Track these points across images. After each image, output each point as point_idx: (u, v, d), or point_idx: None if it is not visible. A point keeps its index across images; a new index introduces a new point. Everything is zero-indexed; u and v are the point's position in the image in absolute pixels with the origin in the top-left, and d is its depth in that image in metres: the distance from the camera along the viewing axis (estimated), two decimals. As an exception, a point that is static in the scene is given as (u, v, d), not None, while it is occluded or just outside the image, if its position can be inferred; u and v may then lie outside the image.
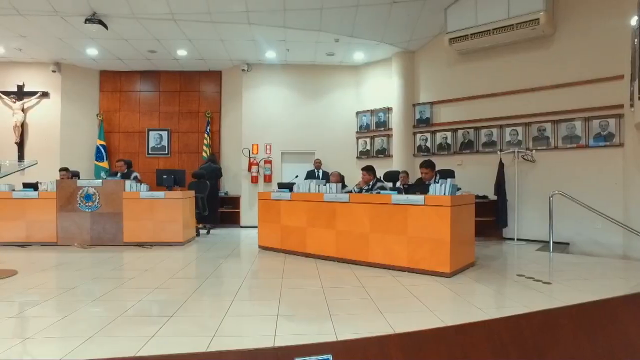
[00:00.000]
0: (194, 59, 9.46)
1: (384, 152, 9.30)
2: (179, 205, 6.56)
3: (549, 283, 4.17)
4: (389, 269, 4.83)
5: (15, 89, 9.53)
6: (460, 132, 8.03)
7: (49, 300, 3.63)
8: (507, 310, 3.27)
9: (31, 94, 9.57)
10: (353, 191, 5.79)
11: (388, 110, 9.20)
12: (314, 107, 9.86)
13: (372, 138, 9.51)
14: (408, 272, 4.67)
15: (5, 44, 8.58)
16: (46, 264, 5.29)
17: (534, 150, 7.03)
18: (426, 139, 8.54)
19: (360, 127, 9.74)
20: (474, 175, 7.66)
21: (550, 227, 6.26)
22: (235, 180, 9.96)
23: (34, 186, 6.86)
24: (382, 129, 9.33)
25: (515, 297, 3.71)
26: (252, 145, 9.68)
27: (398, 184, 7.04)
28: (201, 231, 8.09)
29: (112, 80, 10.28)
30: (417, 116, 8.67)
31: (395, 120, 8.90)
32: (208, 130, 10.00)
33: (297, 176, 7.20)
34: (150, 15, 7.33)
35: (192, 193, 7.39)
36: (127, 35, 8.09)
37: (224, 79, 10.28)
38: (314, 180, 5.95)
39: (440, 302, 3.64)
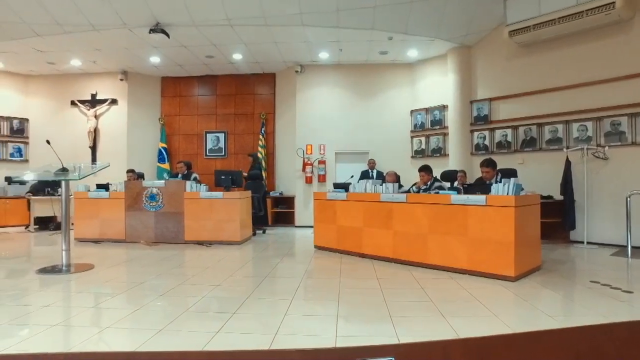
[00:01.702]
0: (249, 62, 9.71)
1: (439, 151, 9.05)
2: (236, 205, 6.75)
3: (630, 292, 3.84)
4: (448, 271, 4.68)
5: (89, 98, 10.30)
6: (521, 129, 7.64)
7: (121, 293, 3.86)
8: (582, 319, 3.05)
9: (102, 101, 10.30)
10: (410, 191, 5.68)
11: (444, 108, 8.94)
12: (367, 107, 9.79)
13: (428, 137, 9.29)
14: (468, 274, 4.50)
15: (83, 58, 9.34)
16: (117, 259, 5.64)
17: (606, 147, 6.53)
18: (484, 137, 8.21)
19: (415, 125, 9.54)
20: (537, 174, 7.25)
21: (628, 230, 5.77)
22: (289, 180, 10.11)
23: (106, 187, 7.36)
24: (438, 127, 9.08)
25: (590, 306, 3.46)
26: (306, 145, 9.78)
27: (456, 183, 6.81)
28: (257, 231, 8.28)
29: (173, 86, 10.80)
30: (475, 113, 8.35)
31: (452, 118, 8.63)
32: (263, 131, 10.23)
33: (352, 176, 7.18)
34: (208, 22, 7.61)
35: (249, 193, 7.59)
36: (187, 42, 8.45)
37: (278, 81, 10.47)
38: (370, 180, 5.90)
39: (505, 306, 3.47)
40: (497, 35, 7.76)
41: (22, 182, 9.44)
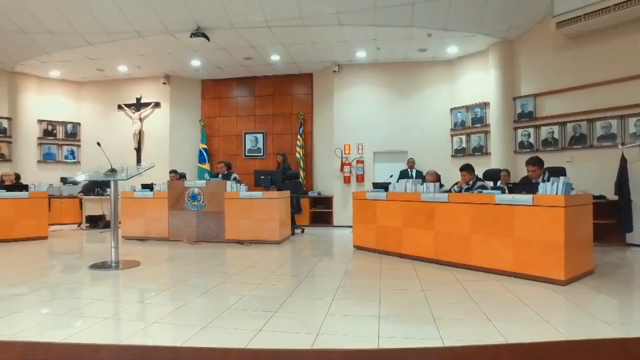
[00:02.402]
0: (287, 63, 9.80)
1: (481, 150, 8.78)
2: (275, 204, 6.82)
3: (695, 298, 3.58)
4: (492, 272, 4.53)
5: (134, 102, 10.74)
6: (569, 125, 7.28)
7: (166, 290, 3.98)
8: (643, 326, 2.87)
9: (146, 104, 10.71)
10: (452, 191, 5.53)
11: (485, 105, 8.67)
12: (406, 105, 9.65)
13: (468, 135, 9.03)
14: (514, 276, 4.33)
15: (129, 63, 9.76)
16: (161, 257, 5.83)
17: (667, 143, 6.11)
18: (529, 135, 7.88)
19: (455, 124, 9.31)
20: (587, 173, 6.88)
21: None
22: (327, 180, 10.12)
23: (150, 187, 7.63)
24: (479, 125, 8.82)
25: (650, 312, 3.24)
26: (344, 145, 9.76)
27: (499, 183, 6.58)
28: (296, 230, 8.34)
29: (212, 88, 11.07)
30: (518, 110, 8.04)
31: (494, 116, 8.36)
32: (301, 131, 10.30)
33: (392, 175, 7.10)
34: (246, 25, 7.74)
35: (287, 193, 7.64)
36: (226, 44, 8.63)
37: (315, 81, 10.51)
38: (410, 180, 5.80)
39: (555, 311, 3.31)
40: (543, 28, 7.43)
41: (75, 183, 9.97)
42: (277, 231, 6.79)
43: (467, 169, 5.54)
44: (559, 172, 5.14)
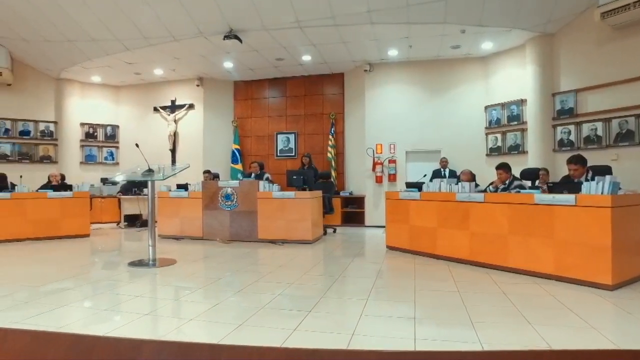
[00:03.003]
0: (318, 63, 9.81)
1: (517, 148, 8.50)
2: (308, 204, 6.83)
3: None
4: (531, 275, 4.37)
5: (169, 104, 11.04)
6: (615, 121, 6.93)
7: (202, 288, 4.06)
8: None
9: (181, 106, 10.98)
10: (488, 190, 5.38)
11: (522, 102, 8.39)
12: (438, 104, 9.48)
13: (504, 133, 8.77)
14: (555, 280, 4.16)
15: (164, 66, 10.05)
16: (196, 255, 5.96)
17: None
18: (569, 132, 7.57)
19: (490, 122, 9.06)
20: (636, 172, 6.53)
21: None
22: (359, 180, 10.07)
23: (185, 187, 7.81)
24: (515, 123, 8.54)
25: None
26: (376, 145, 9.68)
27: (537, 182, 6.35)
28: (328, 230, 8.33)
29: (244, 89, 11.22)
30: (558, 107, 7.73)
31: (531, 113, 8.07)
32: (332, 131, 10.29)
33: (425, 175, 6.98)
34: (278, 26, 7.80)
35: (320, 193, 7.65)
36: (258, 46, 8.73)
37: (347, 81, 10.47)
38: (445, 179, 5.68)
39: (603, 318, 3.15)
40: (585, 19, 7.11)
41: (114, 183, 10.36)
42: (310, 231, 6.80)
43: (503, 167, 5.38)
44: (603, 171, 4.90)
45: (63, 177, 8.86)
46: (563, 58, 7.71)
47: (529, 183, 6.13)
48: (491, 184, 5.61)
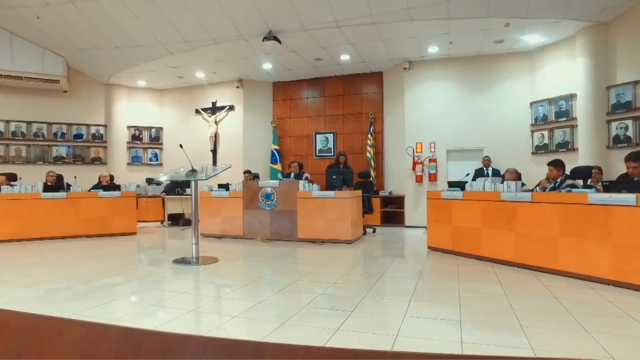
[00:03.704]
0: (356, 62, 9.75)
1: (566, 146, 8.09)
2: (347, 204, 6.79)
3: None
4: (585, 279, 4.13)
5: (210, 106, 11.32)
6: (677, 116, 6.46)
7: (244, 286, 4.11)
8: None
9: (221, 108, 11.24)
10: (536, 189, 5.15)
11: (571, 97, 7.98)
12: (480, 101, 9.19)
13: (551, 130, 8.37)
14: (613, 285, 3.91)
15: (205, 69, 10.31)
16: (237, 254, 6.06)
17: None
18: (626, 127, 7.11)
19: (536, 119, 8.68)
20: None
21: None
22: (399, 179, 9.93)
23: (226, 187, 7.97)
24: (564, 119, 8.13)
25: None
26: (416, 144, 9.51)
27: (589, 181, 6.00)
28: (367, 230, 8.27)
29: (283, 90, 11.32)
30: (613, 101, 7.28)
31: (582, 108, 7.66)
32: (371, 130, 10.20)
33: (468, 174, 6.78)
34: (316, 26, 7.81)
35: (359, 193, 7.60)
36: (296, 46, 8.78)
37: (385, 79, 10.36)
38: (489, 178, 5.49)
39: (669, 326, 2.92)
40: (645, 7, 6.66)
41: (158, 183, 10.74)
42: (350, 230, 6.76)
43: (556, 164, 5.10)
44: (666, 168, 4.57)
45: (112, 178, 9.28)
46: (620, 48, 7.25)
47: (580, 182, 5.82)
48: (539, 183, 5.36)
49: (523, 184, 5.42)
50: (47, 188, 7.80)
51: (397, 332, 2.74)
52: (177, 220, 10.07)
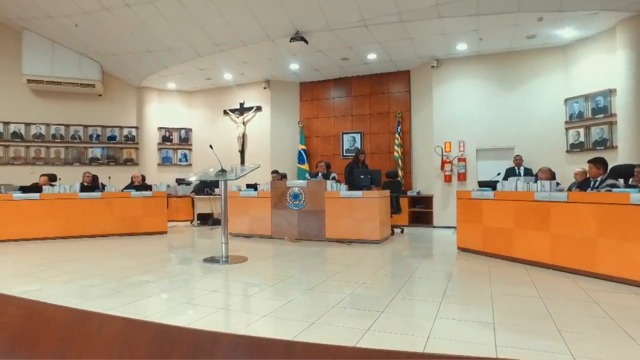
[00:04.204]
0: (383, 61, 9.68)
1: (604, 144, 7.78)
2: (376, 204, 6.75)
3: None
4: (627, 283, 3.95)
5: (238, 107, 11.47)
6: None
7: (274, 285, 4.14)
8: None
9: (249, 109, 11.37)
10: (572, 189, 4.97)
11: (610, 92, 7.66)
12: (511, 99, 8.95)
13: (587, 127, 8.06)
14: (657, 290, 3.73)
15: (233, 71, 10.46)
16: (266, 253, 6.11)
17: None
18: (670, 124, 6.77)
19: (571, 116, 8.38)
20: None
21: None
22: (427, 179, 9.79)
23: (254, 187, 8.05)
24: (602, 115, 7.82)
25: None
26: (445, 143, 9.35)
27: (631, 180, 5.74)
28: (395, 230, 8.19)
29: (310, 90, 11.35)
30: (655, 96, 6.95)
31: (622, 104, 7.33)
32: (399, 130, 10.10)
33: (499, 173, 6.61)
34: (343, 25, 7.80)
35: (387, 192, 7.54)
36: (323, 46, 8.79)
37: (413, 78, 10.23)
38: (521, 178, 5.33)
39: None
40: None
41: (188, 183, 10.99)
42: (378, 230, 6.71)
43: (595, 162, 4.90)
44: None
45: (143, 178, 9.53)
46: (662, 41, 6.90)
47: (622, 181, 5.58)
48: (574, 182, 5.17)
49: (558, 184, 5.24)
50: (83, 188, 8.10)
51: (429, 333, 2.69)
52: (206, 219, 10.24)
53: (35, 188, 7.80)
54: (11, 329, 1.52)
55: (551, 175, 6.11)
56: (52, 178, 8.35)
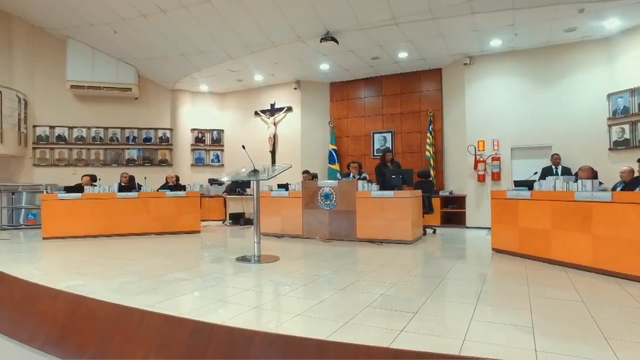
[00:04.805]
0: (414, 59, 9.55)
1: (651, 141, 7.39)
2: (407, 204, 6.66)
3: None
4: (679, 288, 3.73)
5: (269, 107, 11.60)
6: None
7: (306, 284, 4.15)
8: None
9: (280, 110, 11.47)
10: (617, 188, 4.74)
11: (657, 86, 7.27)
12: (548, 95, 8.63)
13: (633, 124, 7.67)
14: None
15: (264, 72, 10.59)
16: (297, 253, 6.14)
17: None
18: None
19: (614, 112, 7.99)
20: None
21: None
22: (460, 179, 9.59)
23: (286, 187, 8.11)
24: (649, 111, 7.43)
25: None
26: (478, 141, 9.13)
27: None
28: (427, 230, 8.06)
29: (340, 90, 11.34)
30: None
31: (670, 98, 6.95)
32: (430, 129, 9.94)
33: (535, 172, 6.40)
34: (374, 24, 7.74)
35: (419, 192, 7.43)
36: (353, 46, 8.76)
37: (444, 76, 10.05)
38: (561, 177, 5.13)
39: None
40: None
41: (220, 183, 11.21)
42: (410, 231, 6.62)
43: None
44: None
45: (177, 179, 9.78)
46: None
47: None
48: (618, 182, 4.93)
49: (600, 183, 5.01)
50: (121, 188, 8.42)
51: (464, 336, 2.63)
52: (237, 219, 10.41)
53: (78, 188, 8.16)
54: (59, 321, 1.60)
55: (593, 175, 5.86)
56: (93, 178, 8.72)
